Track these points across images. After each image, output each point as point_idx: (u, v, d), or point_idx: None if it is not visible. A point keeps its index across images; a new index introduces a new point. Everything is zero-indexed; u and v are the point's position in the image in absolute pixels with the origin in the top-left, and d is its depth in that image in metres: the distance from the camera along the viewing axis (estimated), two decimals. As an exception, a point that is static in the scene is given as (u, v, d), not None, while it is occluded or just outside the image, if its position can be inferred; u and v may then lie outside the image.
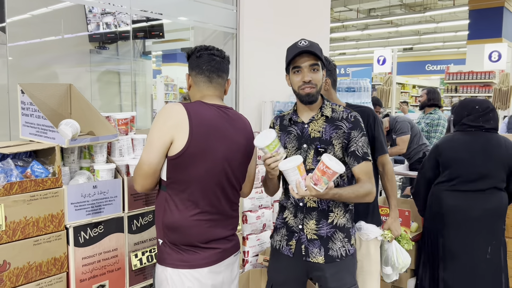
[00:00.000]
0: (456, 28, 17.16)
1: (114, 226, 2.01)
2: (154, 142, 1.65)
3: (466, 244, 2.81)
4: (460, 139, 2.87)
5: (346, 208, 1.94)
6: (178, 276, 1.69)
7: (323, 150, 1.85)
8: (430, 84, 14.27)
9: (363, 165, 1.85)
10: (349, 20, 17.23)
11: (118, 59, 5.38)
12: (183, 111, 1.65)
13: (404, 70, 19.38)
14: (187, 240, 1.70)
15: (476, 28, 11.99)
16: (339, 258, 1.90)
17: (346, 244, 1.92)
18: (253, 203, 2.82)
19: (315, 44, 1.86)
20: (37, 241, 1.76)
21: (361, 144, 1.86)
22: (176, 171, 1.66)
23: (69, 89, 2.17)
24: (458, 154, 2.82)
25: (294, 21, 3.78)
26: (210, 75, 1.78)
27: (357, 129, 1.87)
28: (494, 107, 2.89)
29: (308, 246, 1.91)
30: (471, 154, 2.78)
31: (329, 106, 1.93)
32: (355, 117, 1.89)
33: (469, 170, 2.79)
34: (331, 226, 1.90)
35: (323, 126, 1.89)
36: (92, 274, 1.94)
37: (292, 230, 1.95)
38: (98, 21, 5.00)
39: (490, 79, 9.35)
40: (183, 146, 1.62)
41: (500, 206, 2.80)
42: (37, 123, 1.91)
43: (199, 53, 1.79)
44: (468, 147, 2.81)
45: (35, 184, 1.73)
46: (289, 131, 1.96)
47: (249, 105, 3.40)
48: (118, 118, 2.21)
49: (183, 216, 1.68)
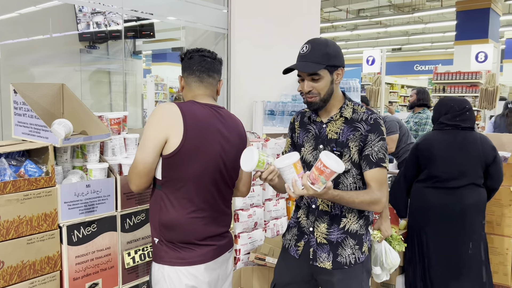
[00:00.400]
0: (444, 29, 17.35)
1: (107, 225, 2.03)
2: (148, 141, 1.66)
3: (449, 240, 2.87)
4: (438, 138, 2.94)
5: (360, 214, 1.86)
6: (176, 273, 1.71)
7: (339, 154, 1.78)
8: (419, 84, 14.42)
9: (376, 171, 1.75)
10: (338, 21, 17.33)
11: (108, 58, 5.37)
12: (177, 110, 1.67)
13: (393, 70, 19.55)
14: (184, 238, 1.71)
15: (463, 29, 12.15)
16: (347, 265, 1.83)
17: (357, 252, 1.84)
18: (245, 202, 2.84)
19: (316, 50, 1.75)
20: (31, 240, 1.77)
21: (377, 149, 1.76)
22: (171, 170, 1.68)
23: (62, 89, 2.18)
24: (437, 153, 2.88)
25: (285, 21, 3.81)
26: (201, 75, 1.81)
27: (375, 132, 1.77)
28: (471, 106, 2.94)
29: (317, 250, 1.85)
30: (450, 153, 2.85)
31: (350, 106, 1.84)
32: (375, 120, 1.79)
33: (448, 168, 2.85)
34: (342, 232, 1.83)
35: (341, 128, 1.81)
36: (85, 273, 1.95)
37: (303, 231, 1.91)
38: (88, 20, 4.99)
39: (477, 79, 9.49)
40: (178, 145, 1.64)
41: (480, 202, 2.87)
42: (30, 122, 1.92)
43: (190, 54, 1.83)
44: (446, 146, 2.87)
45: (28, 183, 1.74)
46: (308, 130, 1.91)
47: (240, 105, 3.42)
48: (110, 117, 2.22)
49: (179, 214, 1.70)
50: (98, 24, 5.03)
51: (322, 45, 1.77)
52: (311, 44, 1.77)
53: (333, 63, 1.77)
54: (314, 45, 1.77)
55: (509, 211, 3.29)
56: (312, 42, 1.78)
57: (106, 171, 2.07)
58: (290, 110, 3.39)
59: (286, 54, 3.53)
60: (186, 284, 1.70)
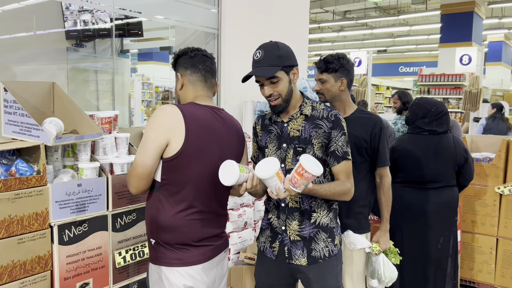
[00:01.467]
0: (429, 32, 17.60)
1: (99, 224, 2.02)
2: (149, 144, 1.63)
3: (421, 236, 2.94)
4: (413, 142, 2.95)
5: (329, 208, 1.92)
6: (173, 274, 1.69)
7: (302, 150, 1.84)
8: (404, 86, 14.63)
9: (343, 164, 1.85)
10: (325, 22, 17.45)
11: (96, 57, 5.32)
12: (179, 113, 1.64)
13: (379, 71, 19.76)
14: (181, 239, 1.70)
15: (448, 32, 12.35)
16: (321, 258, 1.88)
17: (330, 245, 1.89)
18: (235, 201, 2.86)
19: (269, 54, 1.79)
20: (22, 239, 1.75)
21: (341, 144, 1.85)
22: (172, 173, 1.66)
23: (52, 87, 2.16)
24: (412, 158, 2.91)
25: (276, 21, 3.84)
26: (206, 74, 1.80)
27: (337, 129, 1.85)
28: (447, 110, 2.99)
29: (291, 248, 1.88)
30: (425, 158, 2.88)
31: (309, 104, 1.90)
32: (336, 116, 1.86)
33: (422, 173, 2.91)
34: (314, 226, 1.88)
35: (302, 125, 1.86)
36: (76, 272, 1.94)
37: (275, 232, 1.93)
38: (75, 18, 4.93)
39: (460, 81, 9.67)
40: (179, 148, 1.62)
41: (452, 200, 2.94)
42: (20, 121, 1.90)
43: (193, 52, 1.80)
44: (422, 151, 2.90)
45: (19, 182, 1.73)
46: (270, 130, 1.94)
47: (230, 105, 3.43)
48: (101, 116, 2.21)
49: (177, 216, 1.68)
50: (86, 22, 4.98)
51: (274, 48, 1.81)
52: (263, 49, 1.81)
53: (288, 64, 1.82)
54: (266, 50, 1.80)
55: (493, 210, 3.36)
56: (263, 47, 1.82)
57: (98, 170, 2.06)
58: (280, 110, 3.41)
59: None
60: (184, 284, 1.69)
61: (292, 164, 1.85)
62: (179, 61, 1.83)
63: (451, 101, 10.10)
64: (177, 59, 1.84)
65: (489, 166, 3.39)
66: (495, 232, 3.37)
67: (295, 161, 1.83)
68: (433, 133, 2.90)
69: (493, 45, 15.59)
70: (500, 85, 14.02)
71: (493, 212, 3.37)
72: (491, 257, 3.40)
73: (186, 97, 1.82)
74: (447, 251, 2.93)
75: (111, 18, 5.09)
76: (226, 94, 3.40)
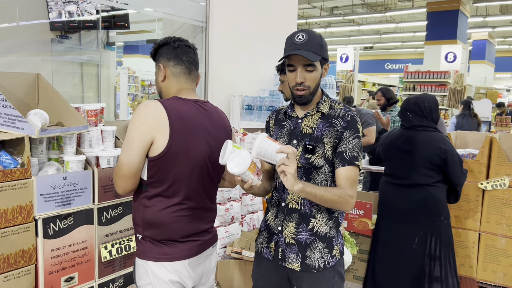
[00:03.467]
0: (415, 29, 17.77)
1: (84, 218, 2.00)
2: (134, 143, 1.58)
3: (395, 233, 2.98)
4: (394, 136, 3.05)
5: (330, 215, 1.78)
6: (159, 268, 1.67)
7: (312, 147, 1.73)
8: (390, 83, 14.75)
9: (348, 169, 1.69)
10: (312, 18, 17.48)
11: (81, 49, 5.24)
12: (162, 109, 1.60)
13: (365, 68, 19.91)
14: (168, 235, 1.68)
15: (433, 29, 12.48)
16: (315, 269, 1.76)
17: (326, 256, 1.76)
18: (222, 196, 2.85)
19: (313, 40, 1.68)
20: (5, 233, 1.72)
21: (351, 147, 1.70)
22: (158, 171, 1.63)
23: (37, 79, 2.13)
24: (390, 151, 3.01)
25: (264, 15, 3.82)
26: (190, 66, 1.75)
27: (350, 130, 1.71)
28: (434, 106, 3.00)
29: (285, 250, 1.79)
30: (399, 152, 2.94)
31: (328, 102, 1.79)
32: (352, 117, 1.74)
33: (397, 167, 2.97)
34: (311, 233, 1.76)
35: (317, 123, 1.76)
36: (61, 266, 1.92)
37: (272, 232, 1.84)
38: (60, 9, 4.85)
39: (445, 78, 9.80)
40: (165, 147, 1.59)
41: (428, 201, 2.90)
42: (4, 112, 1.86)
43: (176, 43, 1.75)
44: (398, 145, 2.98)
45: (3, 175, 1.70)
46: (283, 126, 1.85)
47: (218, 99, 3.42)
48: (87, 109, 2.18)
49: (164, 212, 1.66)
50: (71, 13, 4.90)
51: (317, 36, 1.71)
52: (307, 33, 1.69)
53: (325, 56, 1.74)
54: (311, 35, 1.68)
55: (476, 206, 3.41)
56: (307, 32, 1.70)
57: (83, 163, 2.03)
58: (268, 105, 3.41)
59: (264, 49, 3.54)
60: (170, 279, 1.67)
61: (299, 162, 1.74)
62: (160, 51, 1.77)
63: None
64: (158, 49, 1.78)
65: (473, 162, 3.44)
66: (478, 227, 3.43)
67: (304, 159, 1.74)
68: (415, 128, 2.94)
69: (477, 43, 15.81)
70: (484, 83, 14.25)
71: (476, 207, 3.42)
72: (473, 252, 3.45)
73: (169, 90, 1.76)
74: (423, 252, 2.91)
75: (97, 10, 5.02)
76: (214, 88, 3.38)
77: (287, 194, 1.79)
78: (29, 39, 4.69)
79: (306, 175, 1.75)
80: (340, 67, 8.67)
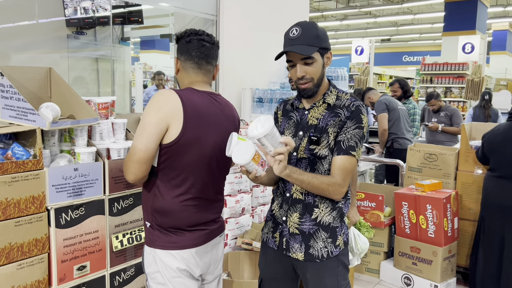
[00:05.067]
0: (433, 20, 17.46)
1: (95, 209, 2.04)
2: (150, 128, 1.61)
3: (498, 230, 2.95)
4: (500, 129, 3.00)
5: (333, 205, 1.79)
6: (167, 256, 1.72)
7: (316, 139, 1.73)
8: (407, 75, 14.54)
9: (343, 158, 1.69)
10: (328, 10, 17.33)
11: (96, 44, 5.32)
12: (177, 98, 1.64)
13: (382, 61, 19.65)
14: (176, 224, 1.72)
15: (451, 20, 12.23)
16: (319, 258, 1.77)
17: (329, 245, 1.77)
18: (232, 188, 2.88)
19: (307, 32, 1.68)
20: (18, 222, 1.78)
21: (349, 136, 1.70)
22: (169, 158, 1.66)
23: (49, 73, 2.17)
24: (496, 143, 2.96)
25: (274, 7, 3.82)
26: (200, 62, 1.77)
27: (353, 120, 1.71)
28: None
29: (289, 240, 1.81)
30: (505, 143, 2.89)
31: (334, 93, 1.79)
32: (357, 107, 1.73)
33: (503, 159, 2.91)
34: (314, 223, 1.77)
35: (323, 114, 1.76)
36: (73, 255, 1.97)
37: (277, 222, 1.87)
38: (75, 5, 4.93)
39: (463, 70, 9.61)
40: (178, 134, 1.62)
41: None
42: (17, 105, 1.91)
43: (189, 38, 1.77)
44: (504, 137, 2.93)
45: (16, 166, 1.75)
46: (290, 117, 1.87)
47: (229, 92, 3.44)
48: (98, 102, 2.22)
49: (173, 201, 1.70)
50: (86, 9, 4.97)
51: (312, 27, 1.70)
52: (301, 27, 1.69)
53: (324, 45, 1.72)
54: (304, 28, 1.69)
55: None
56: (301, 25, 1.71)
57: (94, 155, 2.07)
58: (278, 97, 3.41)
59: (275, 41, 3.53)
60: (178, 267, 1.71)
61: (304, 153, 1.76)
62: (178, 45, 1.83)
63: (453, 91, 10.05)
64: (177, 42, 1.84)
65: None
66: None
67: (308, 151, 1.75)
68: None
69: (497, 34, 15.42)
70: (504, 74, 13.92)
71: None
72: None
73: (182, 82, 1.83)
74: None
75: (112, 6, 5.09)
76: (225, 81, 3.40)
77: (292, 185, 1.80)
78: (46, 36, 4.79)
79: (311, 166, 1.77)
80: (356, 59, 8.60)
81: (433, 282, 3.29)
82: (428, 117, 5.74)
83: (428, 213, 3.26)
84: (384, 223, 3.52)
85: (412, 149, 3.76)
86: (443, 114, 5.59)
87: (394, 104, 4.93)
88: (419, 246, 3.36)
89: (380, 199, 3.49)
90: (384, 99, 4.95)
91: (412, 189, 3.49)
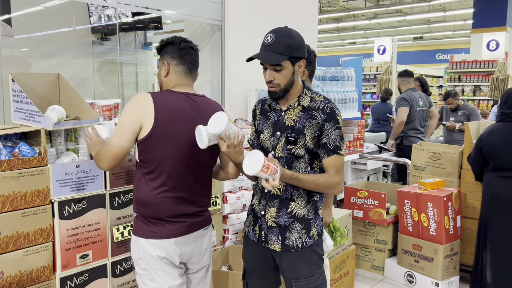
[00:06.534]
0: (465, 17, 16.97)
1: (97, 202, 2.23)
2: (125, 128, 1.83)
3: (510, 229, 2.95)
4: (498, 129, 3.02)
5: (309, 199, 1.94)
6: (148, 245, 1.89)
7: (294, 139, 1.87)
8: (439, 74, 14.24)
9: (333, 158, 1.85)
10: (357, 9, 17.17)
11: (120, 49, 5.59)
12: (150, 98, 1.83)
13: (415, 59, 19.27)
14: (155, 214, 1.89)
15: (481, 16, 11.87)
16: (294, 248, 1.91)
17: (303, 236, 1.92)
18: (233, 185, 3.02)
19: (280, 41, 1.78)
20: (25, 213, 1.98)
21: (333, 137, 1.84)
22: (145, 153, 1.86)
23: (58, 78, 2.38)
24: (496, 144, 2.96)
25: (280, 10, 3.93)
26: (191, 67, 1.97)
27: (331, 122, 1.84)
28: None
29: (268, 232, 1.95)
30: (507, 143, 2.91)
31: (308, 95, 1.91)
32: (332, 109, 1.85)
33: (506, 159, 2.93)
34: (290, 216, 1.91)
35: (299, 115, 1.88)
36: (76, 244, 2.16)
37: (257, 216, 2.01)
38: (99, 13, 5.21)
39: (493, 68, 9.34)
40: (149, 131, 1.81)
41: None
42: (26, 108, 2.13)
43: (182, 44, 1.95)
44: (504, 137, 2.94)
45: (22, 162, 1.96)
46: (268, 117, 1.99)
47: (235, 94, 3.58)
48: (102, 104, 2.41)
49: (151, 193, 1.88)
50: (109, 16, 5.25)
51: (286, 36, 1.79)
52: (275, 34, 1.80)
53: (295, 55, 1.81)
54: (278, 35, 1.79)
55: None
56: (276, 32, 1.80)
57: (96, 153, 2.26)
58: (282, 98, 3.53)
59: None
60: (157, 255, 1.88)
61: (282, 152, 1.91)
62: (166, 49, 1.97)
63: (483, 89, 9.80)
64: (164, 46, 1.99)
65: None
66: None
67: (286, 150, 1.90)
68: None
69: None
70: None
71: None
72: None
73: (168, 84, 1.98)
74: None
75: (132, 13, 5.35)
76: (231, 83, 3.55)
77: None
78: (73, 43, 5.11)
79: (288, 164, 1.90)
80: (378, 58, 8.55)
81: (435, 279, 3.32)
82: (446, 116, 5.69)
83: (429, 211, 3.29)
84: (387, 221, 3.57)
85: (416, 148, 3.79)
86: (461, 113, 5.53)
87: (415, 103, 4.95)
88: (421, 244, 3.40)
89: (383, 197, 3.53)
90: (407, 96, 4.95)
91: (415, 187, 3.52)
